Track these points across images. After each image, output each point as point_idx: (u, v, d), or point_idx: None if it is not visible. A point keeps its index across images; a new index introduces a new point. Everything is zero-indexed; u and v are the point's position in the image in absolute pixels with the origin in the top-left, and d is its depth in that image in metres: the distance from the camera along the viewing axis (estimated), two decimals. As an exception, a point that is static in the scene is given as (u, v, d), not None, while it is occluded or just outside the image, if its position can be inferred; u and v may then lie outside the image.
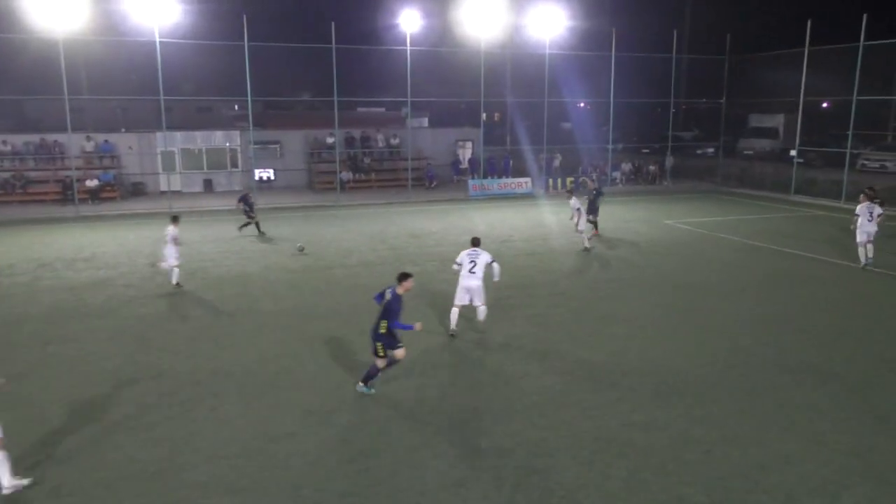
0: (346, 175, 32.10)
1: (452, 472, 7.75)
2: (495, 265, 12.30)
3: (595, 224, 21.30)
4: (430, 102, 41.40)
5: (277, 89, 47.12)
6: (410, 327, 9.67)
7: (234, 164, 33.74)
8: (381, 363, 9.75)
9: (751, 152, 44.35)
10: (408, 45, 30.46)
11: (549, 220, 25.29)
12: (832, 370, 10.74)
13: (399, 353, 9.73)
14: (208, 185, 33.12)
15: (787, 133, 42.09)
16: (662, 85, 36.56)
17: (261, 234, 21.98)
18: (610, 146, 36.14)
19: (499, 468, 7.83)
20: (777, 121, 46.74)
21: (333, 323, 13.21)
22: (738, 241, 21.02)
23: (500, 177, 34.11)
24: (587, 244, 19.52)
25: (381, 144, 35.87)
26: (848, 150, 30.46)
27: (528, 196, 31.89)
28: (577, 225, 19.71)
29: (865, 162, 36.96)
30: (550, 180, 33.77)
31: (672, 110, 38.65)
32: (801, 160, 33.37)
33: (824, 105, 42.38)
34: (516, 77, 43.18)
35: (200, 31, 31.17)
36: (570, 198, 20.04)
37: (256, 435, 8.65)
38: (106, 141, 31.90)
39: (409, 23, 30.43)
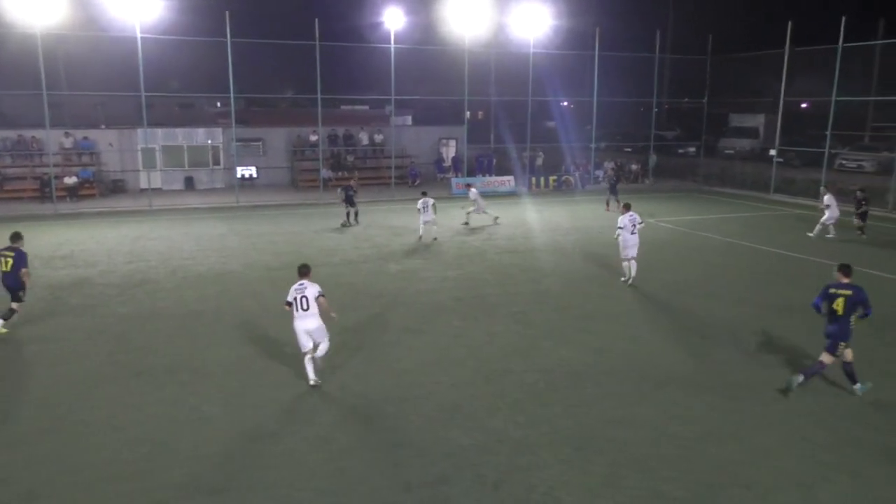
0: (327, 173, 31.91)
1: (434, 470, 7.77)
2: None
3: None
4: (414, 100, 41.34)
5: (260, 86, 46.83)
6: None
7: (217, 162, 33.48)
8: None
9: (731, 152, 44.75)
10: (392, 42, 30.40)
11: (531, 218, 25.36)
12: (809, 364, 10.84)
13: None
14: (190, 183, 32.84)
15: (767, 133, 42.53)
16: (645, 84, 36.79)
17: (353, 223, 23.32)
18: (593, 145, 36.31)
19: (480, 466, 7.85)
20: (757, 121, 47.22)
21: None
22: (719, 240, 21.22)
23: (483, 175, 34.17)
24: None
25: (364, 142, 35.76)
26: (826, 150, 30.83)
27: (511, 194, 31.96)
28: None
29: (843, 162, 37.43)
30: (533, 178, 33.87)
31: (655, 110, 38.91)
32: (780, 160, 33.73)
33: (804, 105, 42.84)
34: (500, 76, 43.22)
35: (183, 26, 30.87)
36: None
37: (237, 434, 8.61)
38: (85, 137, 31.49)
39: (393, 20, 30.36)
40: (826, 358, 9.65)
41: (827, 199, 21.13)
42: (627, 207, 16.26)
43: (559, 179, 34.33)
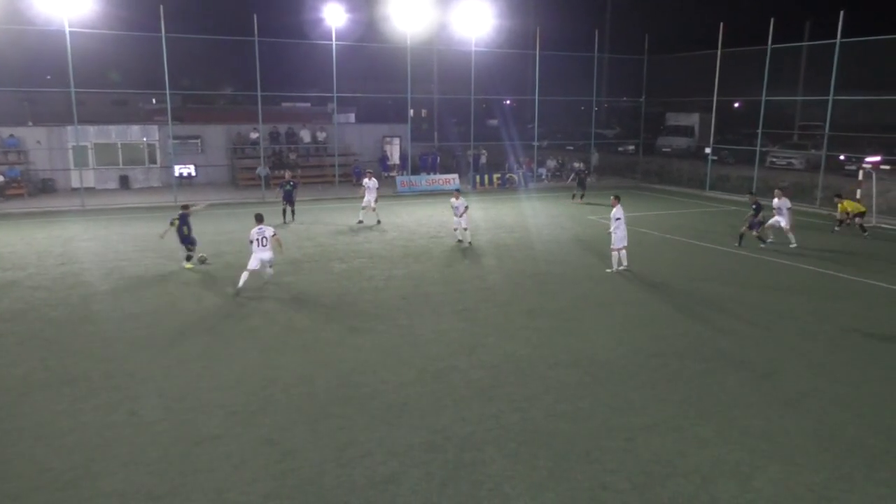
0: (264, 170, 31.22)
1: (381, 469, 7.73)
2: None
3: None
4: (357, 98, 41.00)
5: (198, 83, 45.67)
6: None
7: (153, 160, 32.50)
8: None
9: (669, 149, 45.97)
10: (333, 39, 30.09)
11: (476, 215, 25.48)
12: (744, 358, 11.27)
13: None
14: (124, 182, 31.78)
15: (703, 131, 43.85)
16: (585, 83, 37.46)
17: (290, 221, 23.39)
18: (535, 143, 36.76)
19: (428, 463, 7.86)
20: (693, 119, 48.61)
21: (257, 321, 12.93)
22: (657, 236, 21.78)
23: (427, 173, 34.20)
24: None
25: (307, 140, 35.31)
26: (758, 148, 32.05)
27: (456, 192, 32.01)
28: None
29: (774, 159, 38.88)
30: (478, 177, 34.07)
31: (595, 108, 39.69)
32: (715, 157, 34.87)
33: (736, 105, 44.34)
34: (443, 74, 43.35)
35: (116, 20, 29.84)
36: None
37: (178, 439, 8.38)
38: (11, 135, 30.13)
39: (334, 17, 30.06)
40: None
41: (777, 202, 19.89)
42: (618, 199, 16.89)
43: (503, 177, 34.64)
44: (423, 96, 42.67)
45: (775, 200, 19.97)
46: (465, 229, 19.90)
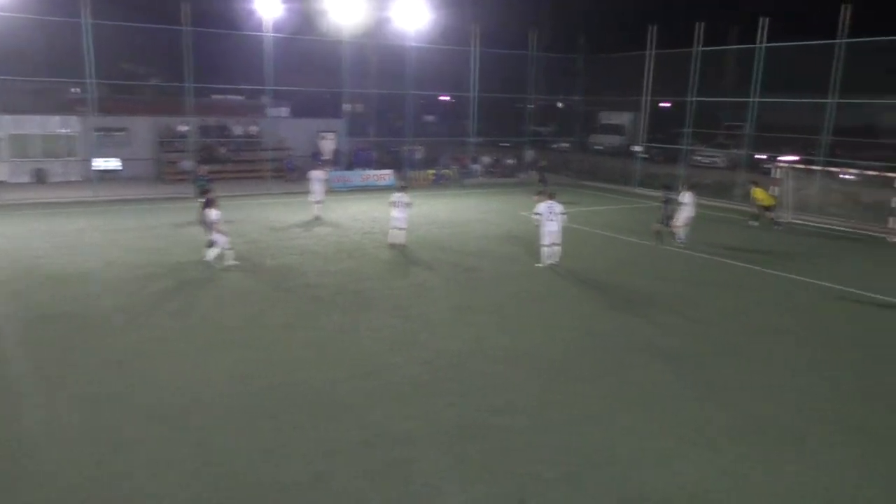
0: (188, 164, 30.18)
1: (312, 468, 7.61)
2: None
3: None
4: (291, 91, 40.22)
5: (124, 72, 43.88)
6: None
7: (73, 153, 31.07)
8: None
9: (601, 147, 46.98)
10: (267, 31, 29.44)
11: (410, 212, 25.35)
12: (671, 349, 11.64)
13: None
14: (40, 175, 30.20)
15: (633, 130, 44.99)
16: (521, 81, 37.86)
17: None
18: (472, 139, 36.93)
19: (359, 462, 7.79)
20: (624, 118, 49.82)
21: (185, 321, 12.55)
22: (588, 231, 22.24)
23: (363, 169, 33.91)
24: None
25: (239, 134, 34.45)
26: (685, 147, 33.19)
27: (391, 188, 31.87)
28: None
29: (699, 158, 40.26)
30: (412, 172, 33.98)
31: (531, 106, 40.17)
32: (645, 156, 35.86)
33: (665, 105, 45.65)
34: (379, 69, 43.00)
35: (35, 4, 28.34)
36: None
37: (97, 445, 8.02)
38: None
39: (267, 8, 29.41)
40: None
41: (685, 197, 20.31)
42: (551, 196, 17.35)
43: (438, 173, 34.67)
44: (360, 91, 42.22)
45: (682, 195, 20.28)
46: (402, 229, 18.78)
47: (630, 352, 11.47)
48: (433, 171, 34.56)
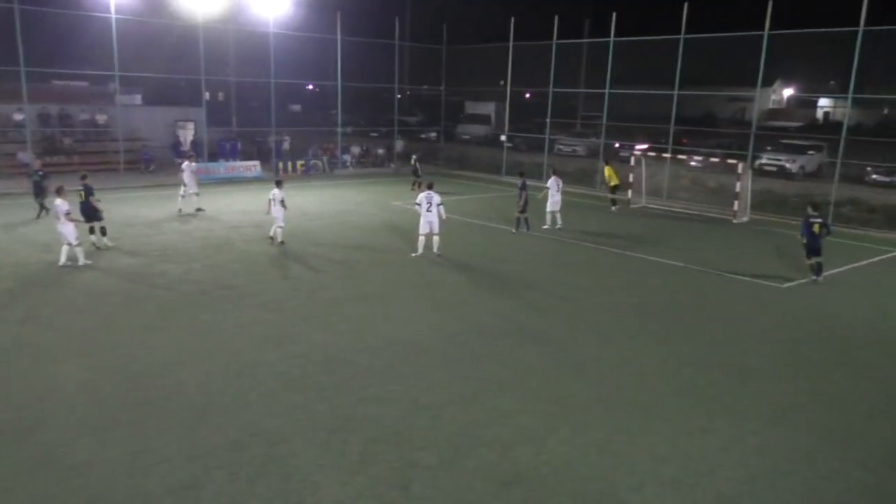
0: (27, 157, 27.61)
1: (180, 475, 7.24)
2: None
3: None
4: (143, 78, 37.77)
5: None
6: None
7: None
8: None
9: (468, 137, 47.97)
10: (112, 12, 27.42)
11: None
12: (541, 331, 12.13)
13: None
14: None
15: (498, 120, 46.28)
16: (387, 70, 37.76)
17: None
18: (339, 129, 36.43)
19: (233, 462, 7.51)
20: (489, 108, 51.15)
21: (27, 327, 11.51)
22: (459, 220, 22.60)
23: (227, 160, 32.54)
24: None
25: (85, 122, 31.89)
26: (547, 137, 34.58)
27: (257, 180, 30.88)
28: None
29: (561, 147, 42.12)
30: (281, 163, 33.04)
31: (398, 96, 40.18)
32: (510, 145, 36.96)
33: (527, 95, 47.28)
34: (241, 56, 41.33)
35: None
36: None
37: (-72, 468, 7.20)
38: None
39: (113, -12, 27.38)
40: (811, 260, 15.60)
41: (550, 182, 21.42)
42: (429, 187, 17.69)
43: (307, 164, 33.95)
44: (220, 78, 40.36)
45: (553, 180, 21.39)
46: (280, 227, 17.86)
47: (502, 334, 11.83)
48: (302, 162, 33.78)
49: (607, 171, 26.09)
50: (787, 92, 73.01)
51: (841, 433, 8.70)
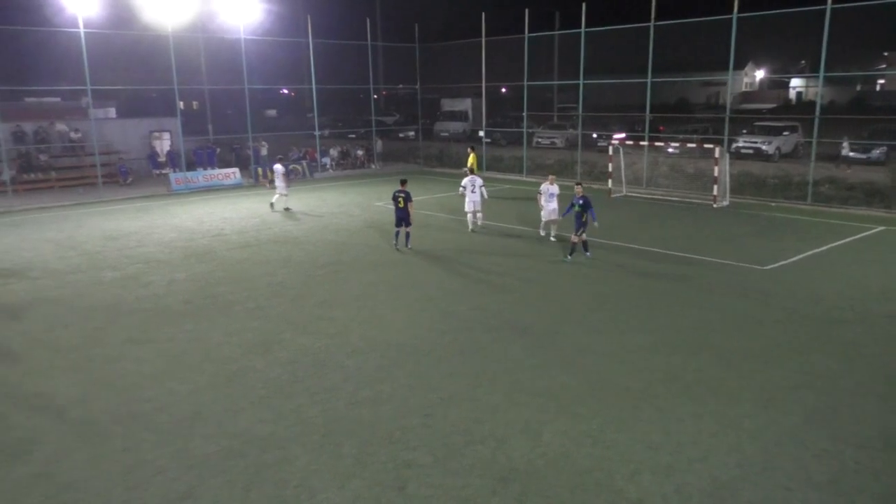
0: (7, 174, 27.27)
1: (177, 486, 7.23)
2: None
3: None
4: (116, 91, 37.45)
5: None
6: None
7: None
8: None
9: (446, 134, 48.04)
10: (81, 27, 27.11)
11: (262, 210, 24.63)
12: (527, 324, 12.20)
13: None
14: None
15: (476, 116, 46.37)
16: (362, 71, 37.68)
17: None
18: (317, 132, 36.31)
19: (227, 472, 7.50)
20: (466, 105, 51.24)
21: (13, 344, 11.38)
22: (445, 217, 22.68)
23: (205, 168, 32.34)
24: None
25: (59, 138, 31.53)
26: (524, 130, 34.70)
27: (237, 187, 30.74)
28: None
29: (539, 140, 42.29)
30: (260, 169, 32.87)
31: (374, 96, 40.13)
32: (489, 140, 37.07)
33: (503, 90, 47.41)
34: (213, 63, 41.04)
35: None
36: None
37: (-81, 495, 7.14)
38: None
39: (79, 3, 27.03)
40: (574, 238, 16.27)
41: (548, 187, 18.65)
42: (472, 172, 19.19)
43: (287, 169, 33.74)
44: (193, 87, 40.06)
45: (546, 185, 18.70)
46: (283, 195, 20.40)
47: (489, 330, 11.89)
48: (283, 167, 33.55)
49: (471, 158, 26.84)
50: (760, 74, 73.83)
51: (830, 412, 8.83)
